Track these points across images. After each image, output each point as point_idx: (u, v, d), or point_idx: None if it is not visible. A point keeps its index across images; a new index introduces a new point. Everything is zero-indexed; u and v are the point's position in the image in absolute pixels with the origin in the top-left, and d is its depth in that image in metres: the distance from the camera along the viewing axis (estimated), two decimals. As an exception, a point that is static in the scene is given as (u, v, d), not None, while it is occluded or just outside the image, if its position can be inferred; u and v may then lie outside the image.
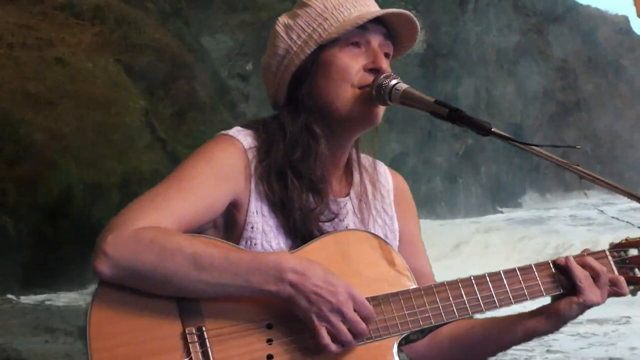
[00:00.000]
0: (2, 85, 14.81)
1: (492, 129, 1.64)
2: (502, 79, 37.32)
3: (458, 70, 33.31)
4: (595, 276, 1.78)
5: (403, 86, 1.73)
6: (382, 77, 1.74)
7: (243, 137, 1.75)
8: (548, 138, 37.71)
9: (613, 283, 1.80)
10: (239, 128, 1.77)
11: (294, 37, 1.77)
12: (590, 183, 1.68)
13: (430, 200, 29.05)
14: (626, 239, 1.87)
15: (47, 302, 11.46)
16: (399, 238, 1.90)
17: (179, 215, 1.62)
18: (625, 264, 1.84)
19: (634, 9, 3.50)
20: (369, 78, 1.75)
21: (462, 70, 33.60)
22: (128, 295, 1.57)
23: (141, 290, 1.58)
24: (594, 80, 44.16)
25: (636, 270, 1.84)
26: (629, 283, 1.83)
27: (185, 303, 1.59)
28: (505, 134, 1.66)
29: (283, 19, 1.81)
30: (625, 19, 50.70)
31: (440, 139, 31.96)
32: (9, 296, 10.56)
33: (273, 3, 24.81)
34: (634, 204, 1.68)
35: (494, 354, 1.88)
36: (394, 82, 1.73)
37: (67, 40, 17.14)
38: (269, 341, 1.61)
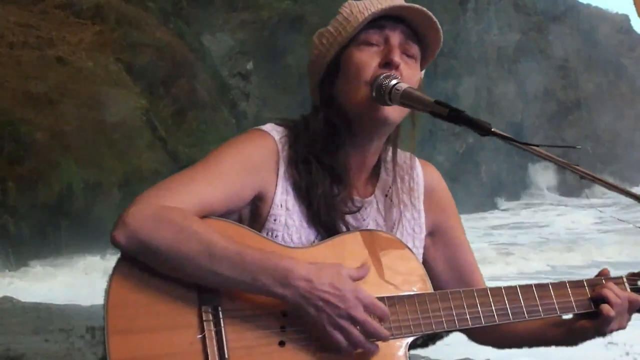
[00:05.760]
0: (2, 84, 14.82)
1: (492, 129, 1.63)
2: (502, 78, 37.30)
3: (459, 70, 33.28)
4: (632, 306, 1.83)
5: (403, 86, 1.71)
6: (382, 76, 1.73)
7: (275, 132, 1.79)
8: (549, 137, 37.69)
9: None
10: (272, 124, 1.81)
11: (324, 42, 1.82)
12: (590, 183, 1.68)
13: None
14: None
15: (48, 301, 11.45)
16: (433, 232, 1.92)
17: (203, 199, 1.65)
18: None
19: (634, 8, 3.49)
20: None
21: (462, 70, 33.57)
22: (149, 269, 1.59)
23: None
24: (594, 80, 44.14)
25: None
26: None
27: None
28: (505, 134, 1.65)
29: (320, 30, 1.88)
30: (626, 18, 50.69)
31: (441, 138, 31.93)
32: (10, 295, 10.55)
33: (273, 2, 24.82)
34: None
35: (517, 346, 1.95)
36: (393, 82, 1.71)
37: (67, 39, 17.14)
38: (283, 328, 1.62)
